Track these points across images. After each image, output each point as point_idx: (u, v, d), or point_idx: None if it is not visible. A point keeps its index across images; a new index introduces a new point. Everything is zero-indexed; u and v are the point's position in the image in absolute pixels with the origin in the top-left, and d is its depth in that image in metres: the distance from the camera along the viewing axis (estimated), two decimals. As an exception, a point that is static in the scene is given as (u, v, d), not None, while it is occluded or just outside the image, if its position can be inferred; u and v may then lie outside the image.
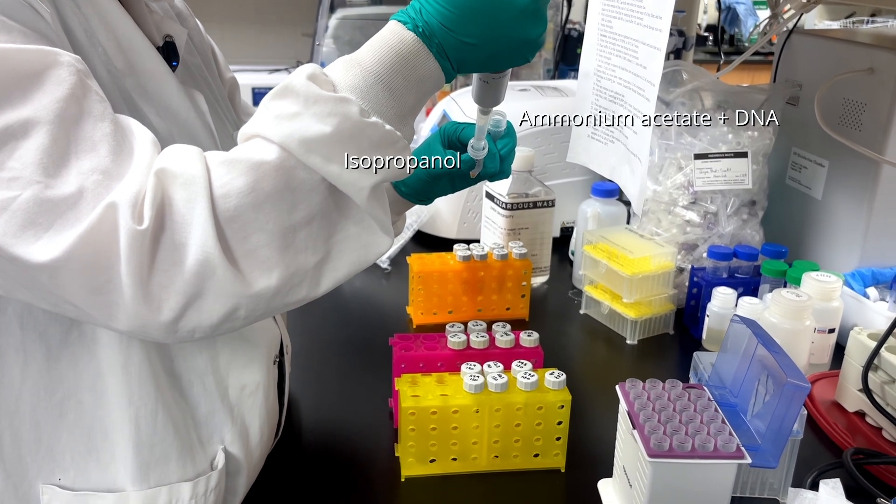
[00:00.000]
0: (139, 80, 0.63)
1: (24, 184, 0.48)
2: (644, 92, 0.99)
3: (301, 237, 0.55)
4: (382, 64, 0.57)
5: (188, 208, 0.51)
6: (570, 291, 1.25)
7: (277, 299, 0.55)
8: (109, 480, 0.64)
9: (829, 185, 1.17)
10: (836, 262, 1.15)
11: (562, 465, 0.81)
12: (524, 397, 0.78)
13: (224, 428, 0.69)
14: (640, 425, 0.68)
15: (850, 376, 0.91)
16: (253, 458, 0.72)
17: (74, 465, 0.64)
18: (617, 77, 1.07)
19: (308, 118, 0.54)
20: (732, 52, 4.06)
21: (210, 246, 0.51)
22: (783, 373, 0.66)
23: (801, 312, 0.92)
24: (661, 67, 0.93)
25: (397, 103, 0.58)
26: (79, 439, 0.63)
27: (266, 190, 0.53)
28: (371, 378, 0.96)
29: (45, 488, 0.64)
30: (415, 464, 0.79)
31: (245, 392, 0.70)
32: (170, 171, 0.52)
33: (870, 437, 0.87)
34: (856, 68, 1.08)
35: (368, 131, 0.55)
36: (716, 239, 1.15)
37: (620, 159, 1.11)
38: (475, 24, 0.58)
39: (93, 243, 0.49)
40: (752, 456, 0.66)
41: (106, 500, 0.64)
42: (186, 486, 0.66)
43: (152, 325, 0.53)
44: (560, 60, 1.97)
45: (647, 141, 1.00)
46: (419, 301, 1.11)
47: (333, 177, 0.54)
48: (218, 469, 0.68)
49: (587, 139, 1.18)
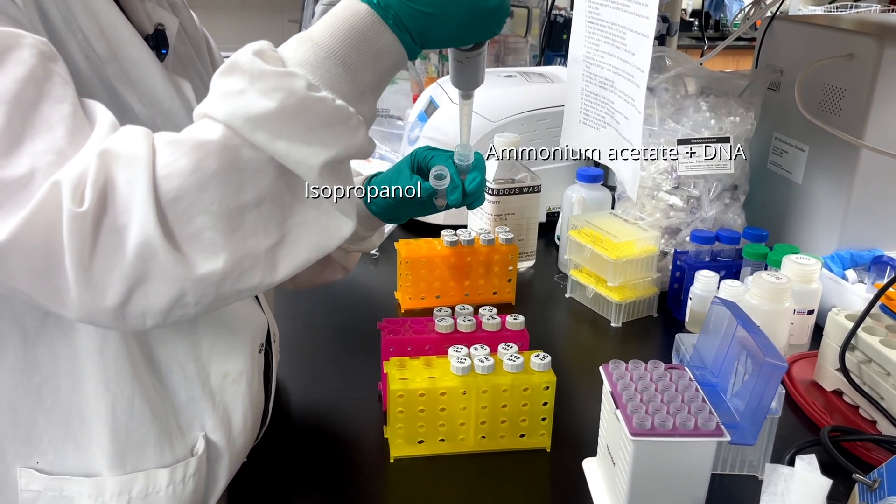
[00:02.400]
0: (122, 66, 0.63)
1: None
2: (633, 78, 1.00)
3: (250, 220, 0.53)
4: (335, 38, 0.55)
5: (129, 189, 0.49)
6: (556, 276, 1.27)
7: (227, 284, 0.53)
8: (87, 465, 0.65)
9: (810, 170, 1.19)
10: (815, 245, 1.18)
11: (547, 444, 0.83)
12: (510, 379, 0.79)
13: (205, 415, 0.70)
14: (622, 405, 0.70)
15: (828, 356, 0.93)
16: (236, 446, 0.73)
17: (52, 449, 0.64)
18: (606, 63, 1.08)
19: (253, 94, 0.51)
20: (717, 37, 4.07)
21: (150, 228, 0.49)
22: (761, 352, 0.68)
23: (781, 294, 0.94)
24: (649, 54, 0.94)
25: (353, 79, 0.55)
26: (56, 424, 0.64)
27: (210, 169, 0.51)
28: (359, 362, 0.97)
29: (23, 472, 0.64)
30: (403, 445, 0.81)
31: (228, 380, 0.71)
32: (113, 151, 0.51)
33: (847, 416, 0.90)
34: (836, 54, 1.10)
35: (317, 107, 0.53)
36: (698, 223, 1.16)
37: (613, 144, 1.12)
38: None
39: (38, 225, 0.48)
40: (732, 433, 0.68)
41: (82, 484, 0.65)
42: (164, 472, 0.66)
43: (98, 311, 0.51)
44: (546, 46, 1.97)
45: (639, 127, 1.00)
46: (407, 286, 1.12)
47: (281, 155, 0.52)
48: (197, 455, 0.68)
49: (579, 125, 1.19)
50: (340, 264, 0.99)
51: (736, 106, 1.17)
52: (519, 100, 1.39)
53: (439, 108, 1.40)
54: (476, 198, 0.85)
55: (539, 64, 2.04)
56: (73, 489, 0.65)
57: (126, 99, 0.63)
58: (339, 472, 0.80)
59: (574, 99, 1.19)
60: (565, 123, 1.23)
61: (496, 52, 2.29)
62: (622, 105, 1.05)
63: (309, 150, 0.53)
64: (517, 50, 2.29)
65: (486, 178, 1.21)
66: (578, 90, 1.17)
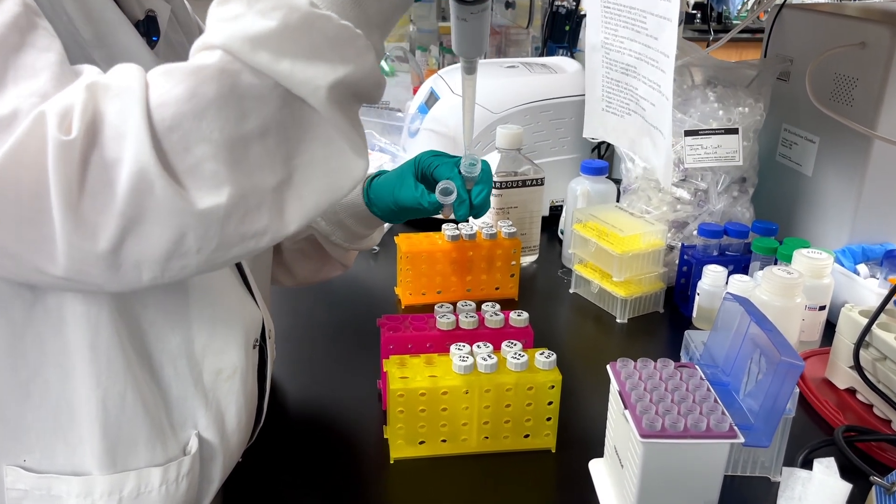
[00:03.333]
0: (109, 52, 0.61)
1: None
2: (658, 63, 0.96)
3: (255, 152, 0.49)
4: None
5: (121, 119, 0.46)
6: (560, 270, 1.24)
7: (232, 224, 0.50)
8: (76, 463, 0.63)
9: (820, 162, 1.16)
10: (826, 239, 1.15)
11: (552, 445, 0.80)
12: (514, 378, 0.77)
13: (198, 413, 0.67)
14: (631, 405, 0.68)
15: (842, 353, 0.90)
16: (230, 445, 0.70)
17: (40, 446, 0.62)
18: (627, 49, 1.04)
19: (252, 16, 0.49)
20: (720, 29, 4.04)
21: (146, 158, 0.46)
22: (777, 351, 0.66)
23: (792, 290, 0.92)
24: (675, 38, 0.91)
25: (358, 6, 0.53)
26: (45, 420, 0.61)
27: (208, 95, 0.48)
28: (359, 360, 0.95)
29: (10, 470, 0.62)
30: (404, 445, 0.78)
31: (221, 377, 0.68)
32: (101, 83, 0.48)
33: (860, 415, 0.87)
34: (847, 43, 1.07)
35: (320, 23, 0.50)
36: (706, 216, 1.14)
37: (640, 132, 1.08)
38: None
39: (21, 160, 0.45)
40: (745, 435, 0.65)
41: (71, 483, 0.62)
42: (156, 472, 0.64)
43: (89, 259, 0.48)
44: (548, 37, 1.94)
45: (668, 114, 0.96)
46: (407, 281, 1.10)
47: (285, 76, 0.49)
48: (191, 454, 0.66)
49: (602, 113, 1.15)
50: (339, 262, 0.96)
51: (744, 96, 1.14)
52: (522, 91, 1.36)
53: (440, 98, 1.37)
54: (482, 209, 0.84)
55: (542, 55, 2.01)
56: (61, 488, 0.62)
57: None
58: (338, 473, 0.78)
59: (595, 87, 1.15)
60: (587, 112, 1.19)
61: (498, 44, 2.27)
62: (647, 91, 1.02)
63: (315, 68, 0.49)
64: (519, 41, 2.27)
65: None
66: (599, 78, 1.13)
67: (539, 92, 1.36)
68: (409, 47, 2.39)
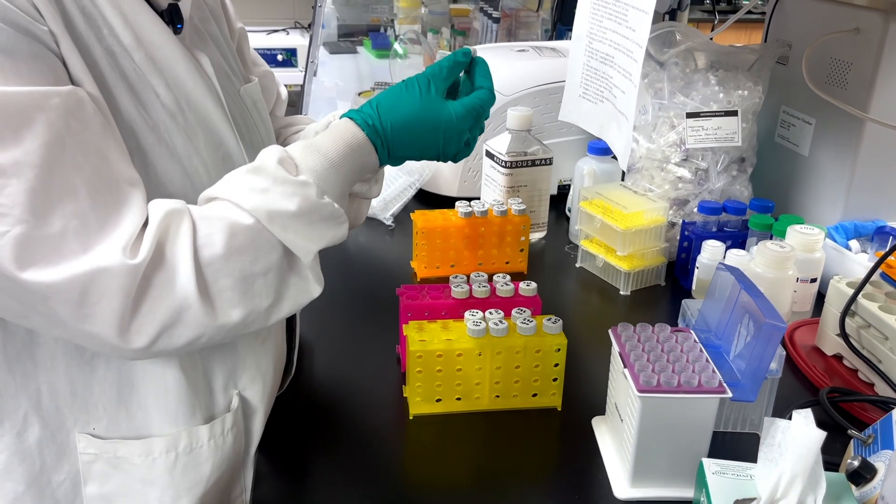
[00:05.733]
0: (147, 52, 0.65)
1: (13, 221, 0.53)
2: (632, 53, 1.03)
3: (258, 285, 0.65)
4: (336, 151, 0.71)
5: (175, 253, 0.60)
6: (567, 246, 1.31)
7: (235, 331, 0.65)
8: (137, 427, 0.70)
9: (816, 143, 1.21)
10: (820, 216, 1.21)
11: (558, 404, 0.87)
12: (523, 341, 0.83)
13: (238, 373, 0.75)
14: (630, 364, 0.74)
15: (829, 322, 0.97)
16: (265, 401, 0.78)
17: (107, 415, 0.69)
18: (608, 39, 1.11)
19: (275, 195, 0.65)
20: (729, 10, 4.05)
21: (191, 284, 0.60)
22: (762, 314, 0.72)
23: (784, 262, 0.98)
24: (647, 30, 0.97)
25: (343, 183, 0.72)
26: (109, 392, 0.69)
27: (237, 245, 0.63)
28: (377, 327, 1.01)
29: (81, 437, 0.69)
30: (422, 403, 0.85)
31: (257, 341, 0.76)
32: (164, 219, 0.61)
33: (846, 378, 0.93)
34: (842, 28, 1.12)
35: (321, 210, 0.67)
36: (706, 194, 1.19)
37: (609, 118, 1.15)
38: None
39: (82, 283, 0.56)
40: (733, 391, 0.72)
41: (133, 446, 0.70)
42: (204, 429, 0.72)
43: (124, 352, 0.61)
44: (558, 21, 1.99)
45: (633, 100, 1.03)
46: (423, 255, 1.16)
47: (289, 242, 0.66)
48: (233, 411, 0.74)
49: (578, 98, 1.23)
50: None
51: (744, 80, 1.19)
52: (531, 74, 1.41)
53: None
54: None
55: (551, 38, 2.05)
56: (125, 451, 0.70)
57: (153, 86, 0.65)
58: (361, 428, 0.85)
59: (575, 73, 1.22)
60: (565, 97, 1.26)
61: (508, 27, 2.31)
62: (620, 80, 1.08)
63: (309, 242, 0.67)
64: (528, 24, 2.31)
65: (500, 150, 1.24)
66: (580, 65, 1.20)
67: (549, 75, 1.41)
68: (420, 29, 2.43)
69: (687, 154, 1.18)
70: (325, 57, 2.34)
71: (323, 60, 2.23)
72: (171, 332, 0.61)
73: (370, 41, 2.52)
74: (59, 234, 0.55)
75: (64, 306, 0.56)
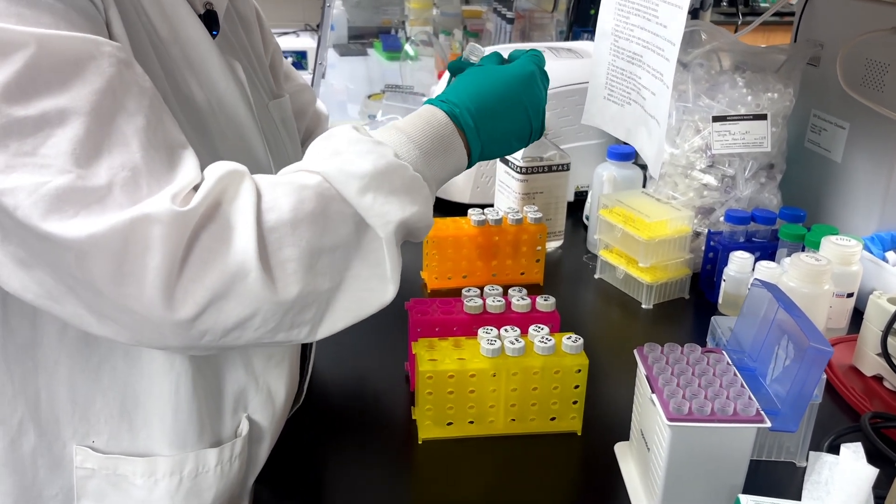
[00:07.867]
0: (183, 48, 0.63)
1: (54, 172, 0.48)
2: (663, 52, 0.97)
3: (324, 261, 0.57)
4: (416, 128, 0.65)
5: (236, 211, 0.53)
6: (585, 256, 1.25)
7: (291, 314, 0.56)
8: (141, 445, 0.66)
9: (850, 148, 1.15)
10: (855, 226, 1.14)
11: (578, 428, 0.81)
12: (541, 361, 0.77)
13: (249, 395, 0.70)
14: (658, 389, 0.68)
15: (869, 340, 0.90)
16: (273, 427, 0.73)
17: (108, 428, 0.65)
18: (635, 37, 1.05)
19: (349, 154, 0.59)
20: (748, 13, 3.99)
21: (250, 249, 0.52)
22: (805, 337, 0.66)
23: (820, 277, 0.92)
24: (682, 26, 0.91)
25: (427, 163, 0.64)
26: (112, 404, 0.65)
27: (305, 210, 0.55)
28: (386, 342, 0.96)
29: (79, 449, 0.65)
30: (432, 426, 0.79)
31: (272, 362, 0.71)
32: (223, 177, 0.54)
33: (887, 402, 0.87)
34: (879, 28, 1.06)
35: (400, 171, 0.60)
36: (733, 203, 1.13)
37: (637, 121, 1.09)
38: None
39: (124, 233, 0.49)
40: (772, 420, 0.66)
41: (136, 464, 0.65)
42: (212, 452, 0.67)
43: (164, 324, 0.52)
44: (573, 22, 1.94)
45: (666, 103, 0.98)
46: (433, 266, 1.11)
47: (365, 207, 0.58)
48: (242, 436, 0.69)
49: (603, 101, 1.17)
50: None
51: (773, 82, 1.13)
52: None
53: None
54: None
55: (567, 39, 2.00)
56: (126, 468, 0.66)
57: (188, 80, 0.64)
58: (368, 452, 0.79)
59: (599, 74, 1.16)
60: (589, 99, 1.20)
61: (522, 28, 2.26)
62: (650, 80, 1.02)
63: (390, 206, 0.58)
64: (543, 25, 2.26)
65: (515, 155, 1.19)
66: (605, 65, 1.14)
67: (565, 77, 1.35)
68: (432, 31, 2.39)
69: (713, 160, 1.12)
70: (335, 59, 2.31)
71: (333, 63, 2.19)
72: (222, 305, 0.53)
73: (381, 43, 2.49)
74: (105, 185, 0.49)
75: (102, 265, 0.49)
